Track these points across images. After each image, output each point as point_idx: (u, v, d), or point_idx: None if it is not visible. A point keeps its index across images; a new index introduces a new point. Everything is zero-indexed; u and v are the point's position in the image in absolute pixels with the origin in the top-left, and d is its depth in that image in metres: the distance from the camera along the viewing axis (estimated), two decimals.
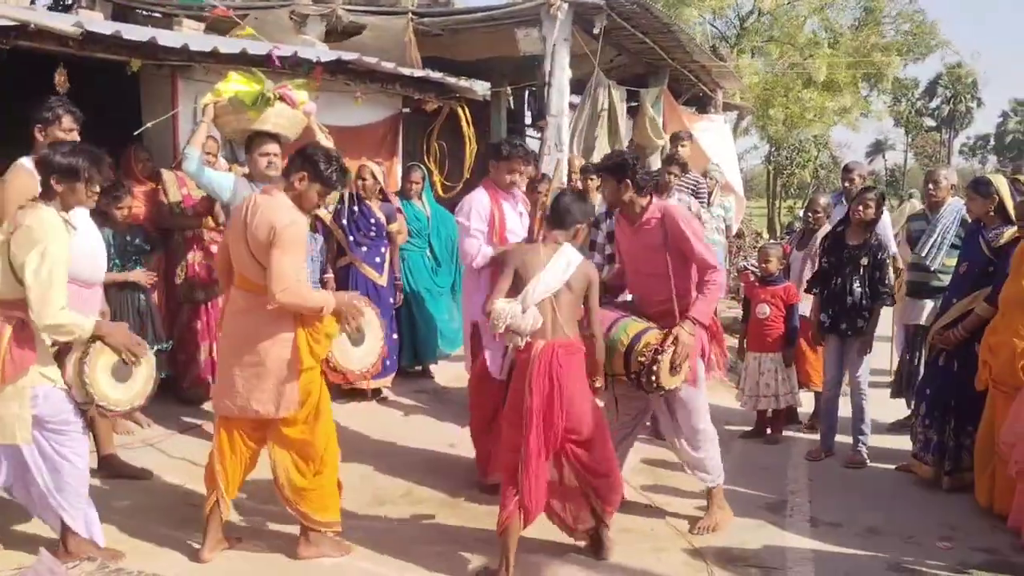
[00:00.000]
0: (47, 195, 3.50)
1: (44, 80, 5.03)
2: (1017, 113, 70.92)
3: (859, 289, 5.39)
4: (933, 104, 64.73)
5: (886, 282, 5.43)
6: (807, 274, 6.29)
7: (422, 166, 7.40)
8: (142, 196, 5.54)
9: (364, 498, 4.65)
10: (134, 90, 6.17)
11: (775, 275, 6.08)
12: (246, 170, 5.25)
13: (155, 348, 4.43)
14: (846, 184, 7.32)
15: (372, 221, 6.27)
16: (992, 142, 73.17)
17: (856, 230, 5.48)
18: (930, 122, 65.42)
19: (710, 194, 7.95)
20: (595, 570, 3.95)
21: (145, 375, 3.69)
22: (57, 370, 3.55)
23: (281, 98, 4.89)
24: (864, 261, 5.39)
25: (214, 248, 5.55)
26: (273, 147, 5.00)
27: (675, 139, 8.02)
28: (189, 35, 6.39)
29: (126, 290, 5.19)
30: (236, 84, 4.95)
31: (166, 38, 5.61)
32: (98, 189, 3.66)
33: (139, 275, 5.20)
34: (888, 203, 5.83)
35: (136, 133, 5.36)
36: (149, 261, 5.36)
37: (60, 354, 3.58)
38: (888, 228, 6.69)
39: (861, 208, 5.43)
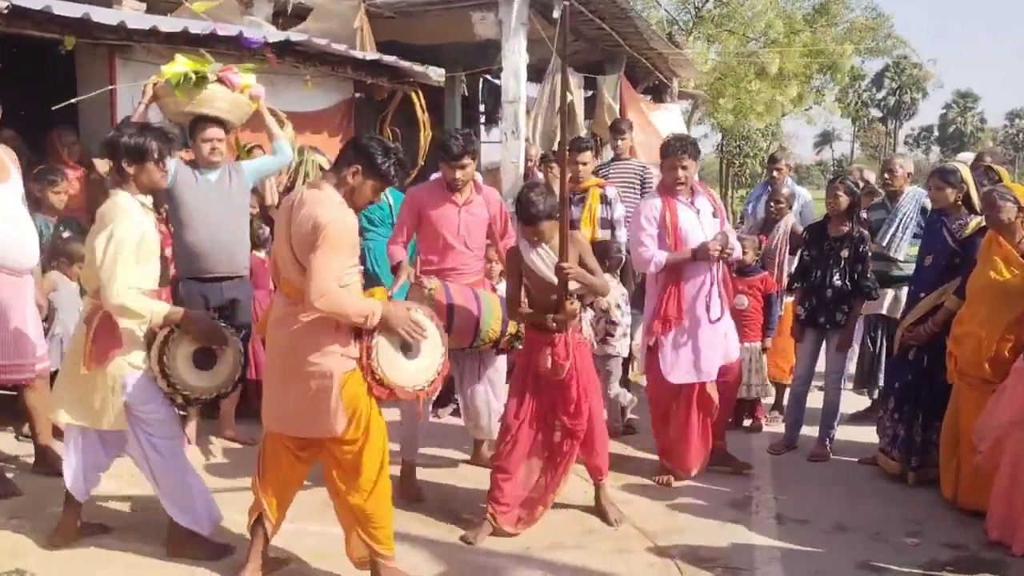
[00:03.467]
0: (120, 179, 3.52)
1: None
2: (959, 105, 72.72)
3: (839, 282, 5.28)
4: (880, 95, 66.07)
5: (868, 275, 5.31)
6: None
7: None
8: (76, 182, 5.23)
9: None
10: (70, 70, 5.85)
11: (752, 266, 6.01)
12: (190, 155, 4.99)
13: None
14: (773, 174, 7.28)
15: None
16: (936, 133, 74.96)
17: (837, 221, 5.38)
18: (876, 112, 66.75)
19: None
20: (558, 573, 3.80)
21: (231, 361, 3.64)
22: (147, 358, 3.52)
23: (220, 80, 4.64)
24: (845, 253, 5.27)
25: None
26: (216, 132, 4.76)
27: (615, 130, 7.61)
28: (127, 13, 6.06)
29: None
30: (180, 66, 4.71)
31: (102, 15, 5.29)
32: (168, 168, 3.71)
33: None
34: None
35: (54, 108, 4.99)
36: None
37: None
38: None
39: (831, 200, 5.34)
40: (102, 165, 4.89)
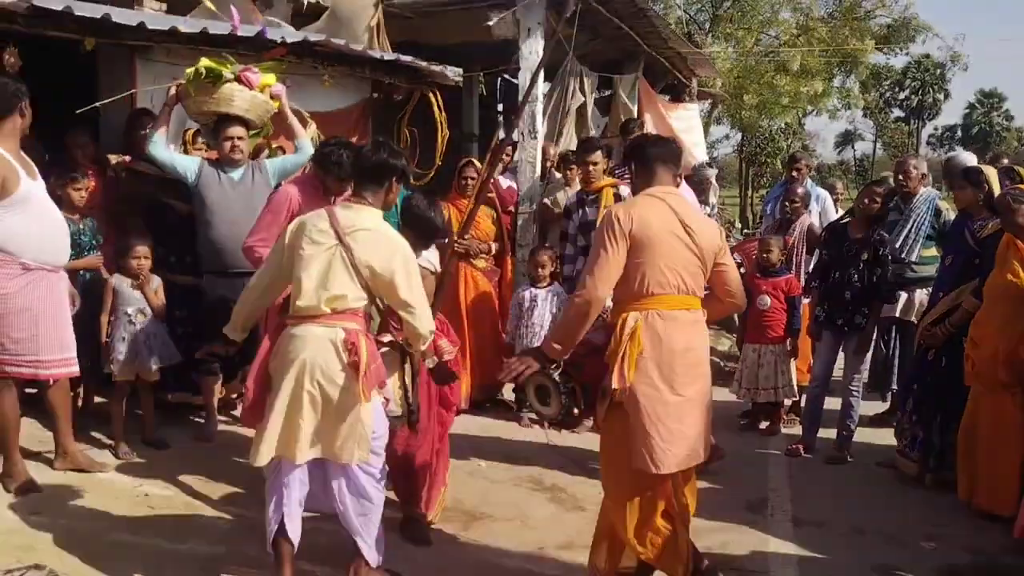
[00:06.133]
0: (366, 196, 3.33)
1: None
2: (983, 105, 71.89)
3: (858, 284, 5.24)
4: (902, 95, 65.42)
5: (887, 279, 5.27)
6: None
7: None
8: (94, 180, 5.27)
9: None
10: (92, 71, 5.90)
11: (777, 266, 5.99)
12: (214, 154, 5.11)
13: None
14: (793, 174, 7.25)
15: None
16: (959, 133, 74.14)
17: (859, 223, 5.35)
18: (898, 112, 66.11)
19: (705, 191, 7.76)
20: (572, 573, 3.77)
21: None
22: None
23: (238, 79, 4.69)
24: (865, 256, 5.23)
25: None
26: (236, 130, 4.88)
27: (625, 130, 7.52)
28: (147, 14, 6.11)
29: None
30: (203, 67, 4.79)
31: (121, 16, 5.32)
32: None
33: (92, 260, 4.94)
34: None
35: (77, 112, 5.03)
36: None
37: None
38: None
39: (867, 200, 5.29)
40: (115, 160, 4.96)
